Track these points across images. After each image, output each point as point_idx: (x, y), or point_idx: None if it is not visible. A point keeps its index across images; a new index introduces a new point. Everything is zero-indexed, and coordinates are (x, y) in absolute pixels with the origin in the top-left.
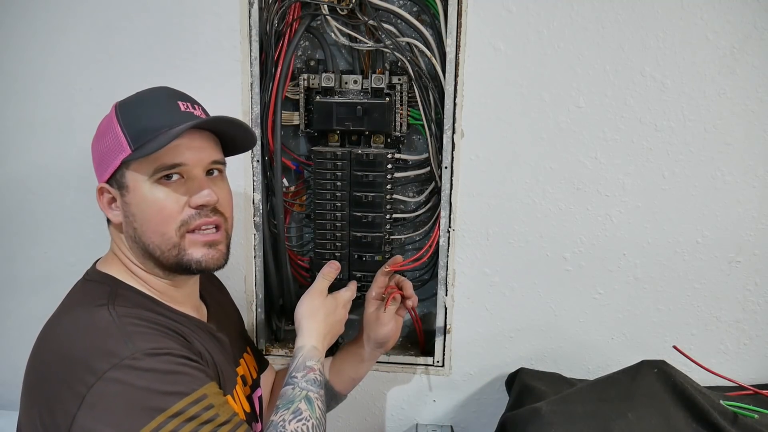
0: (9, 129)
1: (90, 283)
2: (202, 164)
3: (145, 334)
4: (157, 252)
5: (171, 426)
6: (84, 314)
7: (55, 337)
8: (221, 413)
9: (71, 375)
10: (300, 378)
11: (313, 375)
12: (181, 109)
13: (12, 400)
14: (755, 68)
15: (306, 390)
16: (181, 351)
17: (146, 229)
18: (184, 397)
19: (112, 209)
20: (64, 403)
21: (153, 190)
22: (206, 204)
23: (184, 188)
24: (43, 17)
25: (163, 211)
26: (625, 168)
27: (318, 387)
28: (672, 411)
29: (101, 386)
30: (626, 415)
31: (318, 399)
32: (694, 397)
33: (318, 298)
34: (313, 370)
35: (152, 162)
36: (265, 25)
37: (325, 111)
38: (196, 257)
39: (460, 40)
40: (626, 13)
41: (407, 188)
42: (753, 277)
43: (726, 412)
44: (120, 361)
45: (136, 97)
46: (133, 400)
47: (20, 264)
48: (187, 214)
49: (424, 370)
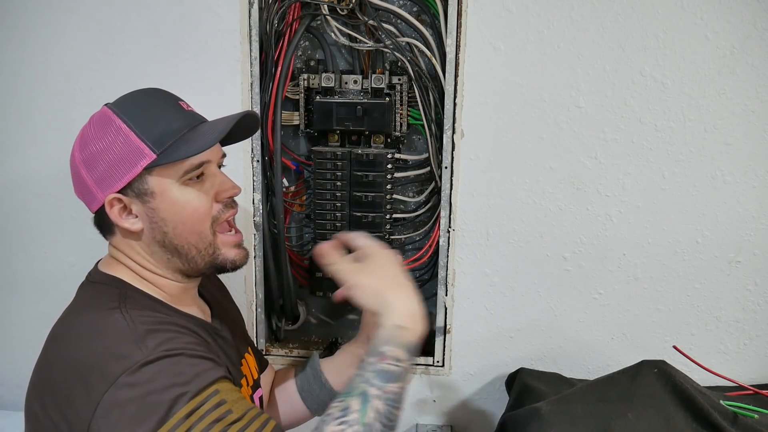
0: (9, 129)
1: (97, 285)
2: (218, 159)
3: (159, 334)
4: (192, 252)
5: (184, 427)
6: (96, 318)
7: (66, 341)
8: (234, 409)
9: (85, 380)
10: (368, 366)
11: (383, 365)
12: (185, 109)
13: (12, 400)
14: (755, 68)
15: (367, 384)
16: (194, 350)
17: (182, 230)
18: (194, 396)
19: (126, 219)
20: (79, 408)
21: (183, 192)
22: (234, 195)
23: (208, 185)
24: (43, 17)
25: (198, 211)
26: (625, 168)
27: (386, 380)
28: (672, 411)
29: (114, 392)
30: (626, 415)
31: (379, 398)
32: (694, 397)
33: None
34: (384, 357)
35: (180, 165)
36: (265, 25)
37: (325, 111)
38: (231, 257)
39: (460, 40)
40: (626, 13)
41: (407, 188)
42: (753, 277)
43: (726, 412)
44: (132, 365)
45: (138, 101)
46: (145, 404)
47: (20, 264)
48: (216, 209)
49: (424, 370)
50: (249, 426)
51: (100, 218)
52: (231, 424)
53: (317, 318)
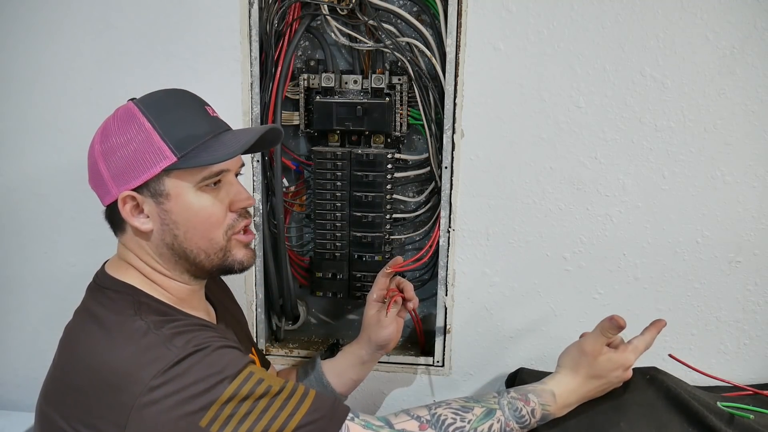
0: (8, 129)
1: (108, 292)
2: (236, 168)
3: (184, 335)
4: (201, 256)
5: (227, 411)
6: (117, 325)
7: (89, 348)
8: (273, 384)
9: (116, 387)
10: (508, 396)
11: (521, 404)
12: (210, 114)
13: (12, 400)
14: (755, 68)
15: (499, 406)
16: (220, 341)
17: (192, 235)
18: (232, 380)
19: (137, 217)
20: (110, 416)
21: (199, 197)
22: (247, 206)
23: (223, 193)
24: (42, 17)
25: (211, 218)
26: (625, 168)
27: (514, 417)
28: (665, 417)
29: (149, 394)
30: (618, 424)
31: (499, 422)
32: (688, 401)
33: (588, 356)
34: (528, 403)
35: (200, 170)
36: (265, 25)
37: (325, 111)
38: (239, 258)
39: (460, 40)
40: (626, 13)
41: (407, 188)
42: (753, 277)
43: (722, 413)
44: (165, 365)
45: (164, 101)
46: (183, 400)
47: (20, 264)
48: (231, 218)
49: (424, 370)
50: (293, 395)
51: (111, 213)
52: (275, 396)
53: (317, 318)
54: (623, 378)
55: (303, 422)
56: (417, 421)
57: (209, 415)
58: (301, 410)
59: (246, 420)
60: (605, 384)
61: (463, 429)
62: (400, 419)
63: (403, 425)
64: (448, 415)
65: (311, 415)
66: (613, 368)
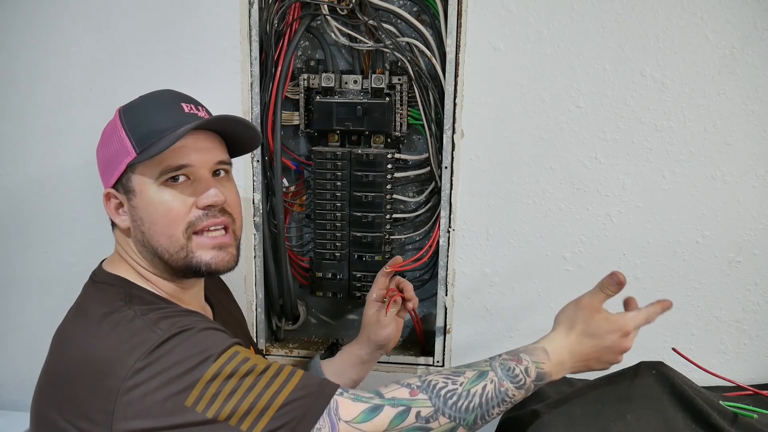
0: (8, 129)
1: (101, 285)
2: (208, 165)
3: (170, 319)
4: (165, 255)
5: (212, 389)
6: (106, 314)
7: (78, 339)
8: (258, 363)
9: (103, 373)
10: (499, 359)
11: (513, 363)
12: (185, 110)
13: (12, 399)
14: (755, 68)
15: (491, 368)
16: (205, 323)
17: (154, 232)
18: (216, 359)
19: (119, 214)
20: (100, 402)
21: (159, 192)
22: (213, 204)
23: (190, 189)
24: (42, 17)
25: (170, 213)
26: (625, 168)
27: (507, 377)
28: (671, 412)
29: (134, 376)
30: (625, 416)
31: (492, 383)
32: (693, 398)
33: (585, 310)
34: (520, 362)
35: (158, 164)
36: (265, 25)
37: (325, 111)
38: (206, 259)
39: (460, 40)
40: (626, 13)
41: (407, 188)
42: (753, 277)
43: (726, 412)
44: (148, 348)
45: (140, 101)
46: (167, 381)
47: (20, 264)
48: (195, 215)
49: (424, 371)
50: (279, 374)
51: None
52: (261, 374)
53: (317, 318)
54: (621, 346)
55: (290, 398)
56: (407, 388)
57: (194, 394)
58: (288, 387)
59: (232, 398)
60: (601, 347)
61: (455, 391)
62: (390, 388)
63: (394, 393)
64: (438, 380)
65: (298, 391)
66: (609, 329)
